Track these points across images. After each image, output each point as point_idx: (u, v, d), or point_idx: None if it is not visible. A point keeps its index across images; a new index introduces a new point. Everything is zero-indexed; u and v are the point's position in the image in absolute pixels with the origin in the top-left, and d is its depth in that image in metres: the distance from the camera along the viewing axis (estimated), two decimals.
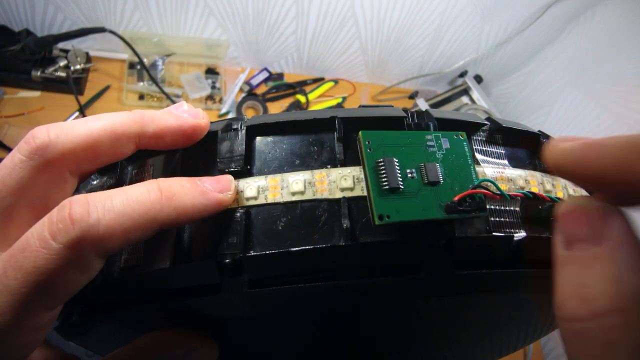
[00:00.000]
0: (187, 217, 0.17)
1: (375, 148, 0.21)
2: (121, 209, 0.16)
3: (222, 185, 0.19)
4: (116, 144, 0.18)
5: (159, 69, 0.91)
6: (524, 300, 0.25)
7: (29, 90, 0.82)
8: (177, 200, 0.17)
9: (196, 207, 0.17)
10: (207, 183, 0.18)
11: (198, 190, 0.18)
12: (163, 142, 0.20)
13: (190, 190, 0.17)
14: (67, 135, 0.17)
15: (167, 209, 0.16)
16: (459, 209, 0.20)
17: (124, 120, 0.18)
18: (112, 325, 0.25)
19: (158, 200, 0.16)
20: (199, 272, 0.21)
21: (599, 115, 0.84)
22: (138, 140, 0.19)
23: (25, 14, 0.81)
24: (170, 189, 0.17)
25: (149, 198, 0.16)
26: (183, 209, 0.17)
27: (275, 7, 0.87)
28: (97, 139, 0.18)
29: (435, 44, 1.01)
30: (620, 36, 0.83)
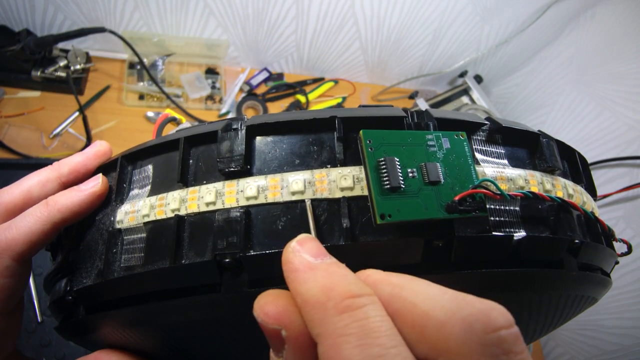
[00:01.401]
0: (72, 212, 0.24)
1: (376, 147, 0.21)
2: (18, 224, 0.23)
3: (92, 182, 0.25)
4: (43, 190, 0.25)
5: (159, 69, 0.91)
6: (523, 299, 0.25)
7: (29, 90, 0.82)
8: (59, 204, 0.24)
9: (75, 203, 0.24)
10: (82, 185, 0.25)
11: (73, 192, 0.24)
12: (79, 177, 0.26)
13: (67, 193, 0.24)
14: None
15: (53, 212, 0.23)
16: (459, 209, 0.20)
17: None
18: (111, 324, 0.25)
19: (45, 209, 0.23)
20: (199, 272, 0.21)
21: (599, 115, 0.84)
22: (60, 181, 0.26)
23: (25, 14, 0.81)
24: (54, 199, 0.24)
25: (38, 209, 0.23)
26: (65, 207, 0.24)
27: (275, 7, 0.87)
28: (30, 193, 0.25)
29: (435, 44, 1.01)
30: (620, 36, 0.83)
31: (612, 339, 0.74)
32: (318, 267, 0.16)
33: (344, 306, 0.15)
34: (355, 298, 0.15)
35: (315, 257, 0.17)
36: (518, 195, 0.22)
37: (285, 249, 0.17)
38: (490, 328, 0.14)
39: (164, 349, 0.29)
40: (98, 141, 0.27)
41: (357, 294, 0.15)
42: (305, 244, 0.17)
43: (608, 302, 0.75)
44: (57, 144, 0.79)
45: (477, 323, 0.14)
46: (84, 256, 0.26)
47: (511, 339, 0.14)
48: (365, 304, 0.15)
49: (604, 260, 0.27)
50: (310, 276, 0.16)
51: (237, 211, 0.21)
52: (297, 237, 0.18)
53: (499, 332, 0.14)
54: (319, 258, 0.17)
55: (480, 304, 0.15)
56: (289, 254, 0.17)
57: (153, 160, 0.26)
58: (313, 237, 0.18)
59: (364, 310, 0.15)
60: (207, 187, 0.22)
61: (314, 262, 0.17)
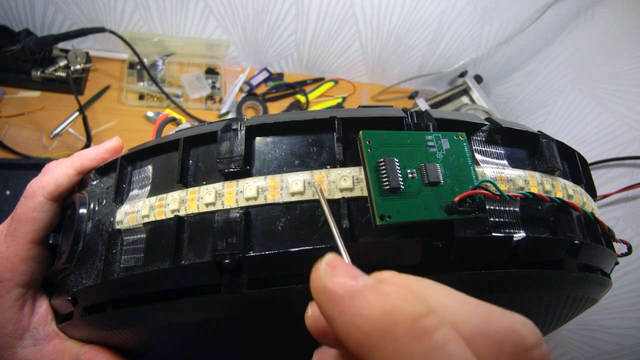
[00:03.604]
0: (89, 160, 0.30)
1: (376, 148, 0.21)
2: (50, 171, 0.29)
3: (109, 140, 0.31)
4: None
5: (159, 69, 0.91)
6: (523, 300, 0.25)
7: (29, 90, 0.82)
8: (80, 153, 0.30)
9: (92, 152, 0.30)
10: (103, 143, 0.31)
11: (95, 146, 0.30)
12: None
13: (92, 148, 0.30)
14: None
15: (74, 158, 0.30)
16: (459, 210, 0.20)
17: None
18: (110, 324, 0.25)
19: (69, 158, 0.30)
20: (198, 273, 0.21)
21: (599, 115, 0.84)
22: None
23: (25, 14, 0.81)
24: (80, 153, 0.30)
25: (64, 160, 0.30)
26: (84, 155, 0.30)
27: (275, 7, 0.87)
28: None
29: (435, 44, 1.01)
30: (620, 36, 0.83)
31: (612, 339, 0.74)
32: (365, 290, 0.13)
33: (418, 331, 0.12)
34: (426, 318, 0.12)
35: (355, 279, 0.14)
36: (518, 196, 0.22)
37: (314, 276, 0.15)
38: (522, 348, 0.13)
39: (163, 349, 0.29)
40: (115, 137, 0.32)
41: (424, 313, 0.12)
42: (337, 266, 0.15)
43: (608, 302, 0.75)
44: (57, 144, 0.79)
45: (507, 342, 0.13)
46: (83, 257, 0.26)
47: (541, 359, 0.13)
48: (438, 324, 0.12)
49: (604, 260, 0.27)
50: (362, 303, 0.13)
51: (236, 212, 0.21)
52: (323, 260, 0.15)
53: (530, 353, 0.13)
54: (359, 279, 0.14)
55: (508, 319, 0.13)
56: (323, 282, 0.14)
57: (153, 161, 0.26)
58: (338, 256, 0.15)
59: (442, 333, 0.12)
60: (207, 187, 0.22)
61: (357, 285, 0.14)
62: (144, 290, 0.23)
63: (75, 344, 0.28)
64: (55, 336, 0.29)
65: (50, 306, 0.30)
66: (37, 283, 0.29)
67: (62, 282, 0.28)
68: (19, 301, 0.28)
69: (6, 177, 0.72)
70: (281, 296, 0.21)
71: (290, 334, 0.25)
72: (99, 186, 0.28)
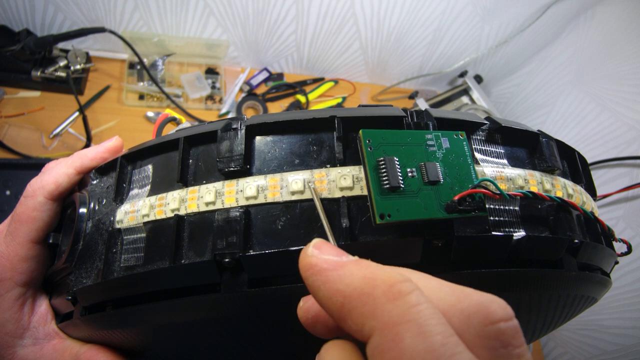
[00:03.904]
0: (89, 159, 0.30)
1: (376, 147, 0.21)
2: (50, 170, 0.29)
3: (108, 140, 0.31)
4: None
5: (159, 69, 0.91)
6: (523, 299, 0.25)
7: (29, 90, 0.82)
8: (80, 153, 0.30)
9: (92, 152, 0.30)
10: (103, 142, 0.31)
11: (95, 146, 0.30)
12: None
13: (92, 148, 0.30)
14: None
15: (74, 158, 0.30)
16: (459, 209, 0.20)
17: None
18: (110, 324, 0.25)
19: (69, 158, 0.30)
20: (198, 272, 0.21)
21: (599, 115, 0.84)
22: None
23: (25, 14, 0.81)
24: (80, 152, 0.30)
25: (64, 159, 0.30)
26: (84, 154, 0.30)
27: (275, 7, 0.87)
28: None
29: (435, 44, 1.01)
30: (620, 36, 0.83)
31: (612, 339, 0.74)
32: (348, 263, 0.15)
33: (394, 292, 0.14)
34: (401, 283, 0.14)
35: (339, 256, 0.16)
36: (517, 195, 0.22)
37: (303, 256, 0.16)
38: (489, 320, 0.14)
39: (163, 348, 0.29)
40: (115, 137, 0.32)
41: (400, 280, 0.14)
42: (322, 247, 0.16)
43: (608, 302, 0.75)
44: (57, 144, 0.79)
45: (475, 315, 0.14)
46: (83, 256, 0.26)
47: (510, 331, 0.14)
48: (412, 289, 0.14)
49: (604, 260, 0.27)
50: (345, 272, 0.15)
51: (236, 211, 0.21)
52: (311, 243, 0.17)
53: (497, 325, 0.14)
54: (343, 256, 0.16)
55: (479, 297, 0.14)
56: (310, 259, 0.16)
57: (153, 160, 0.26)
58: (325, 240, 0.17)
59: (415, 296, 0.14)
60: (207, 186, 0.22)
61: (340, 260, 0.16)
62: (144, 290, 0.23)
63: (75, 343, 0.28)
64: (55, 335, 0.29)
65: (50, 306, 0.30)
66: (37, 282, 0.29)
67: (62, 282, 0.28)
68: (19, 300, 0.28)
69: (6, 177, 0.72)
70: (281, 295, 0.21)
71: (290, 333, 0.25)
72: (99, 185, 0.28)
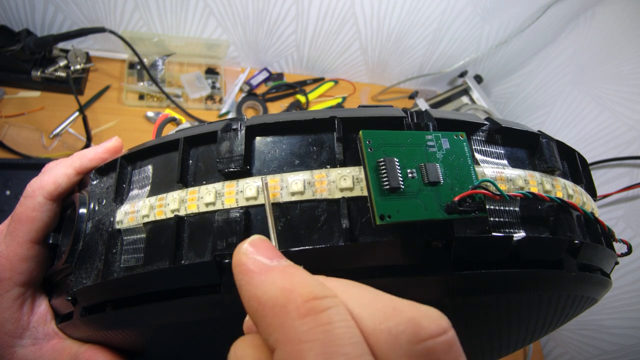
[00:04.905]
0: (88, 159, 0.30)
1: (376, 148, 0.21)
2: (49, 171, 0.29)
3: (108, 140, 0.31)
4: None
5: (159, 69, 0.91)
6: (523, 300, 0.25)
7: (29, 90, 0.82)
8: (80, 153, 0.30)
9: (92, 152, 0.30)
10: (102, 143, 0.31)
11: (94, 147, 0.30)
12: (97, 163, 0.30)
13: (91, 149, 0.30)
14: None
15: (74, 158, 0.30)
16: (459, 209, 0.20)
17: None
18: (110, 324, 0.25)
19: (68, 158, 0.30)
20: (198, 273, 0.21)
21: (599, 115, 0.84)
22: None
23: (25, 14, 0.81)
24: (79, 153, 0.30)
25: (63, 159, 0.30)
26: (83, 155, 0.30)
27: (275, 7, 0.87)
28: None
29: (435, 44, 1.01)
30: (620, 36, 0.83)
31: (612, 339, 0.74)
32: (274, 269, 0.15)
33: (306, 309, 0.13)
34: (319, 300, 0.14)
35: (271, 260, 0.16)
36: (518, 195, 0.22)
37: (237, 251, 0.16)
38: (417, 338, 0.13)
39: (162, 349, 0.29)
40: (115, 137, 0.32)
41: (319, 296, 0.14)
42: (259, 246, 0.16)
43: (608, 302, 0.75)
44: (57, 144, 0.79)
45: (403, 334, 0.13)
46: (83, 257, 0.26)
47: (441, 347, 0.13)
48: (329, 306, 0.14)
49: (604, 260, 0.27)
50: (267, 278, 0.15)
51: (236, 212, 0.21)
52: (248, 239, 0.17)
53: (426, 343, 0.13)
54: (274, 260, 0.16)
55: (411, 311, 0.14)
56: (241, 256, 0.16)
57: (153, 161, 0.26)
58: (265, 239, 0.17)
59: (327, 314, 0.13)
60: (207, 187, 0.22)
61: (269, 263, 0.15)
62: (144, 290, 0.23)
63: (74, 343, 0.28)
64: (54, 335, 0.29)
65: (49, 306, 0.30)
66: (37, 283, 0.29)
67: (62, 282, 0.28)
68: (18, 300, 0.28)
69: (6, 177, 0.72)
70: None
71: None
72: (99, 186, 0.28)
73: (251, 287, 0.15)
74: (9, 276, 0.27)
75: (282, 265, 0.15)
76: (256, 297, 0.14)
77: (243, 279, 0.15)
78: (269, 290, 0.14)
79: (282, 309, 0.14)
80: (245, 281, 0.15)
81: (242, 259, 0.16)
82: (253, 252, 0.16)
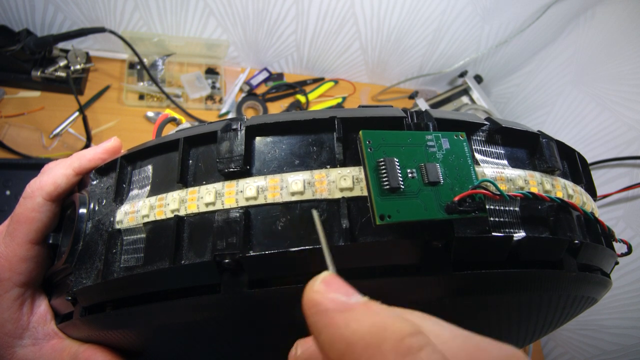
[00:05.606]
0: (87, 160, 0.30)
1: (376, 148, 0.21)
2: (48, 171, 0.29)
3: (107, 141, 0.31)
4: None
5: (159, 69, 0.91)
6: (523, 300, 0.25)
7: (29, 90, 0.82)
8: (79, 154, 0.30)
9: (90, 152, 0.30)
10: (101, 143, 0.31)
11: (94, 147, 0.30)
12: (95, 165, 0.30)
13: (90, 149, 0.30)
14: None
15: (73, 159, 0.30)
16: (459, 209, 0.20)
17: None
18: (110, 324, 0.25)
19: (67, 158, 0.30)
20: (198, 273, 0.21)
21: (599, 115, 0.84)
22: None
23: (25, 14, 0.81)
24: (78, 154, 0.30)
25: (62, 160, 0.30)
26: (82, 155, 0.30)
27: (275, 7, 0.87)
28: None
29: (435, 44, 1.01)
30: (620, 36, 0.83)
31: (612, 339, 0.74)
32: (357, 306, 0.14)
33: (405, 348, 0.12)
34: (413, 337, 0.13)
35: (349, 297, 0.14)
36: (518, 195, 0.22)
37: (308, 290, 0.15)
38: None
39: (162, 349, 0.29)
40: (114, 137, 0.32)
41: (412, 333, 0.13)
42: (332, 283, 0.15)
43: (608, 302, 0.75)
44: (57, 144, 0.79)
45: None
46: (83, 257, 0.26)
47: None
48: (424, 344, 0.13)
49: (604, 260, 0.27)
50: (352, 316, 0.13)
51: (236, 212, 0.21)
52: (319, 277, 0.15)
53: None
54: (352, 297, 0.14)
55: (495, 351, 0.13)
56: (315, 295, 0.15)
57: (153, 161, 0.26)
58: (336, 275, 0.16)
59: (426, 353, 0.12)
60: (207, 187, 0.22)
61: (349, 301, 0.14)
62: (144, 290, 0.23)
63: (74, 343, 0.28)
64: (54, 335, 0.29)
65: (49, 306, 0.30)
66: (36, 283, 0.29)
67: (62, 282, 0.28)
68: (18, 301, 0.28)
69: (6, 177, 0.72)
70: (281, 296, 0.21)
71: (290, 334, 0.25)
72: (98, 186, 0.28)
73: (335, 328, 0.14)
74: (9, 277, 0.27)
75: (364, 301, 0.14)
76: (344, 338, 0.13)
77: (321, 320, 0.14)
78: (358, 330, 0.13)
79: (377, 349, 0.13)
80: (326, 322, 0.14)
81: (316, 297, 0.15)
82: (327, 291, 0.15)
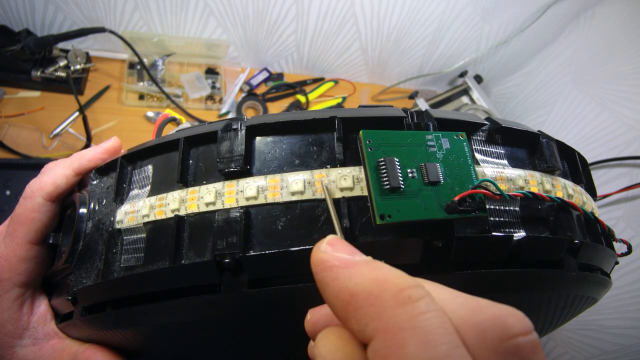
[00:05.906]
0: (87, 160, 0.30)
1: (376, 147, 0.21)
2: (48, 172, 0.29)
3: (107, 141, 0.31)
4: None
5: (159, 69, 0.91)
6: (523, 300, 0.25)
7: (29, 90, 0.82)
8: (78, 154, 0.30)
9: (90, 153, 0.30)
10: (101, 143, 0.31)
11: (93, 147, 0.30)
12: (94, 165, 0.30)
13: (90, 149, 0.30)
14: None
15: (72, 159, 0.30)
16: (459, 209, 0.20)
17: None
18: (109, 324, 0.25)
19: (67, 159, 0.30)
20: (198, 272, 0.21)
21: (599, 115, 0.84)
22: None
23: (25, 14, 0.81)
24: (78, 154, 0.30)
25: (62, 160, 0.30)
26: (82, 155, 0.30)
27: (275, 7, 0.87)
28: None
29: (435, 44, 1.01)
30: (620, 36, 0.83)
31: (612, 339, 0.74)
32: (360, 262, 0.15)
33: (403, 297, 0.13)
34: (413, 289, 0.13)
35: (352, 255, 0.16)
36: (518, 195, 0.22)
37: (315, 251, 0.16)
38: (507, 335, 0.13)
39: (162, 349, 0.29)
40: (113, 137, 0.32)
41: (412, 285, 0.14)
42: (336, 244, 0.16)
43: (608, 302, 0.75)
44: (57, 144, 0.79)
45: (491, 329, 0.13)
46: (83, 256, 0.26)
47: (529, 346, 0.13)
48: (423, 296, 0.13)
49: (604, 260, 0.27)
50: (355, 271, 0.15)
51: (236, 211, 0.21)
52: (325, 239, 0.16)
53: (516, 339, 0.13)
54: (355, 255, 0.16)
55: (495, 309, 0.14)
56: (322, 254, 0.16)
57: (153, 161, 0.26)
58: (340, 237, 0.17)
59: (424, 303, 0.13)
60: (207, 187, 0.22)
61: (353, 259, 0.15)
62: (144, 290, 0.23)
63: (74, 343, 0.28)
64: (54, 335, 0.29)
65: (49, 306, 0.30)
66: (36, 283, 0.29)
67: (62, 282, 0.28)
68: (18, 301, 0.28)
69: (6, 177, 0.72)
70: (281, 295, 0.21)
71: (290, 333, 0.25)
72: (99, 186, 0.28)
73: (340, 281, 0.15)
74: (9, 277, 0.27)
75: (367, 259, 0.16)
76: (347, 290, 0.14)
77: (328, 275, 0.15)
78: (361, 282, 0.14)
79: (377, 299, 0.13)
80: (332, 277, 0.15)
81: (323, 257, 0.16)
82: (333, 250, 0.16)
